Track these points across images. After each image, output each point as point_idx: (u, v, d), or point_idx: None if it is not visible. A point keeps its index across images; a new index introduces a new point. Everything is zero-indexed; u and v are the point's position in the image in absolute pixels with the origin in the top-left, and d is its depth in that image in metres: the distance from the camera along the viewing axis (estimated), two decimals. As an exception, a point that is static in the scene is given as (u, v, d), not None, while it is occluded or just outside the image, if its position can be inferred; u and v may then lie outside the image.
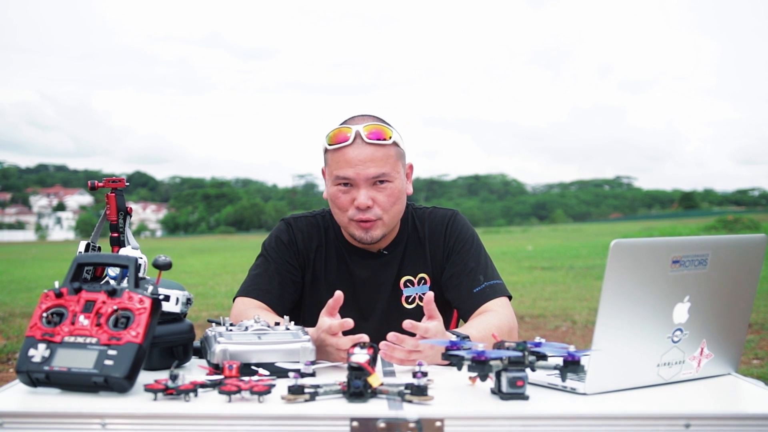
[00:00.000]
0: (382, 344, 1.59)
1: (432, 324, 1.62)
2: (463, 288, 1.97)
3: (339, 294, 1.68)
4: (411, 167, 2.03)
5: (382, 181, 1.89)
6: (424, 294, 2.01)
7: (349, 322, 1.63)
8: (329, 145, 1.91)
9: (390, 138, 1.90)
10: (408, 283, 2.02)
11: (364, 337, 1.59)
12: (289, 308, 2.01)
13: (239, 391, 1.28)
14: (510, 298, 1.98)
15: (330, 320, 1.65)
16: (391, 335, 1.60)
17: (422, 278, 2.03)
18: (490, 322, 1.83)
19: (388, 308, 2.01)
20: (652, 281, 1.36)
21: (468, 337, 1.65)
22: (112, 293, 1.40)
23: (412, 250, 2.04)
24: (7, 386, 1.42)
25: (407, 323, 1.61)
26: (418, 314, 2.00)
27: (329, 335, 1.64)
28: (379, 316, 2.01)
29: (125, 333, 1.35)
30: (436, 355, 1.61)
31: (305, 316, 2.04)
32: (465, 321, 1.97)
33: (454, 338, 1.65)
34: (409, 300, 2.02)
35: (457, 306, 2.00)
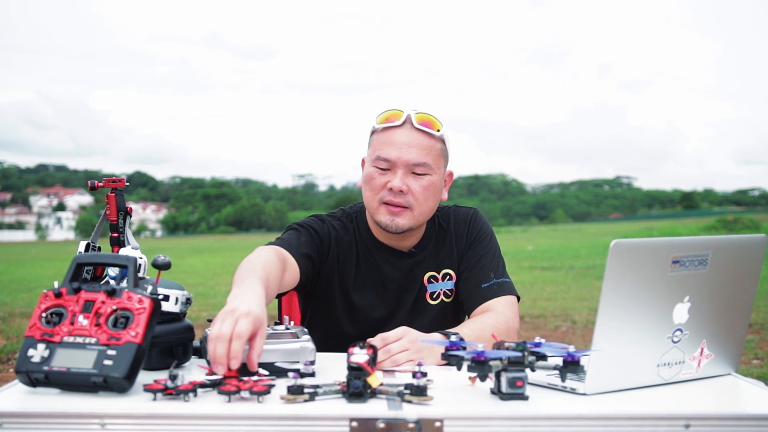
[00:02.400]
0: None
1: (390, 333, 1.63)
2: (472, 282, 1.97)
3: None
4: (451, 175, 2.02)
5: (420, 173, 1.89)
6: (449, 290, 2.02)
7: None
8: (378, 124, 1.92)
9: (439, 131, 1.91)
10: (432, 279, 2.02)
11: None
12: (304, 273, 1.90)
13: (239, 391, 1.28)
14: (518, 298, 1.98)
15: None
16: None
17: (447, 274, 2.03)
18: (486, 322, 1.83)
19: (413, 305, 2.01)
20: (652, 281, 1.36)
21: (457, 334, 1.66)
22: (112, 293, 1.40)
23: (439, 247, 2.04)
24: (6, 386, 1.42)
25: (376, 340, 1.62)
26: (441, 310, 2.01)
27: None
28: (404, 314, 2.01)
29: (124, 333, 1.35)
30: (431, 355, 1.63)
31: (337, 317, 2.01)
32: (468, 315, 1.97)
33: (441, 337, 1.67)
34: (434, 296, 2.02)
35: (463, 299, 2.00)
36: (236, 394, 1.28)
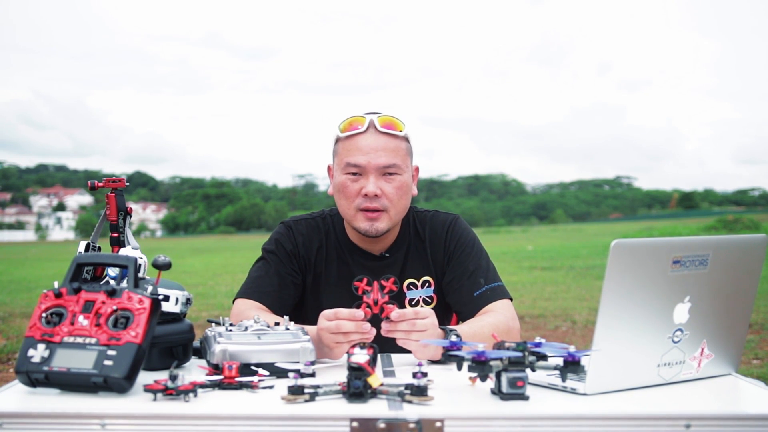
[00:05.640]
0: (383, 329, 1.63)
1: (421, 308, 1.66)
2: (463, 291, 1.97)
3: (361, 314, 1.67)
4: (417, 169, 2.04)
5: (391, 173, 1.91)
6: (429, 297, 2.01)
7: (360, 313, 1.66)
8: (342, 132, 1.93)
9: (402, 131, 1.93)
10: (411, 286, 2.02)
11: (359, 314, 1.64)
12: (289, 310, 2.01)
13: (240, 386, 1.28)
14: (511, 299, 1.98)
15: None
16: (387, 324, 1.64)
17: (426, 281, 2.03)
18: (486, 321, 1.84)
19: (380, 316, 2.00)
20: (653, 281, 1.36)
21: (455, 329, 1.67)
22: (112, 293, 1.40)
23: (414, 253, 2.04)
24: (6, 386, 1.42)
25: (394, 315, 1.63)
26: None
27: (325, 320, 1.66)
28: (380, 319, 2.00)
29: (125, 333, 1.35)
30: (432, 334, 1.64)
31: (307, 318, 2.04)
32: None
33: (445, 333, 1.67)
34: (413, 303, 2.02)
35: (457, 309, 2.00)
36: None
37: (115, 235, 1.74)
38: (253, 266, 2.04)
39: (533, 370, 1.33)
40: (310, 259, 2.03)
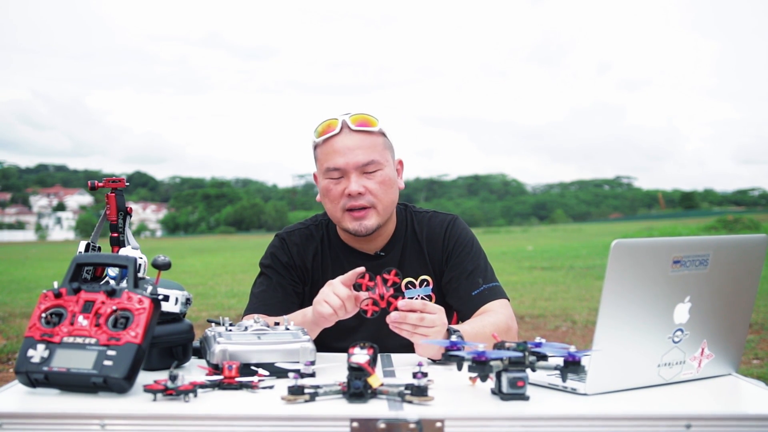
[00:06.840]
0: (389, 318, 1.63)
1: (431, 303, 1.66)
2: (461, 291, 1.97)
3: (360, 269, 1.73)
4: (401, 163, 2.04)
5: (372, 170, 1.91)
6: (427, 296, 2.01)
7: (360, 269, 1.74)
8: (318, 138, 1.94)
9: (376, 126, 1.93)
10: (410, 285, 2.02)
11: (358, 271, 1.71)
12: (299, 298, 2.03)
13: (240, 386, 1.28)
14: (508, 300, 1.98)
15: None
16: (396, 313, 1.64)
17: (424, 280, 2.03)
18: (487, 320, 1.85)
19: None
20: (653, 281, 1.36)
21: (458, 330, 1.66)
22: (112, 293, 1.40)
23: (411, 251, 2.04)
24: (6, 387, 1.42)
25: (402, 303, 1.63)
26: None
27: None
28: (379, 318, 2.00)
29: (124, 333, 1.35)
30: (440, 332, 1.63)
31: None
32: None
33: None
34: None
35: (457, 309, 2.01)
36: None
37: (115, 235, 1.74)
38: (255, 283, 2.06)
39: (533, 370, 1.33)
40: (306, 267, 2.04)
